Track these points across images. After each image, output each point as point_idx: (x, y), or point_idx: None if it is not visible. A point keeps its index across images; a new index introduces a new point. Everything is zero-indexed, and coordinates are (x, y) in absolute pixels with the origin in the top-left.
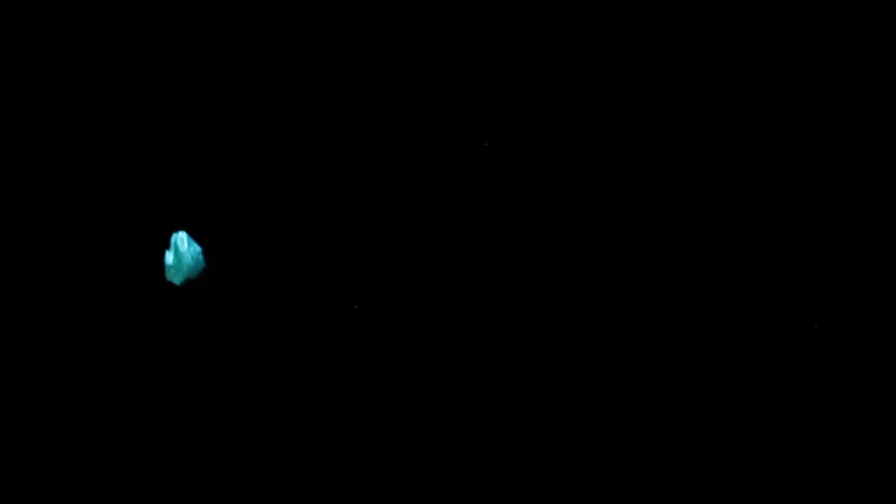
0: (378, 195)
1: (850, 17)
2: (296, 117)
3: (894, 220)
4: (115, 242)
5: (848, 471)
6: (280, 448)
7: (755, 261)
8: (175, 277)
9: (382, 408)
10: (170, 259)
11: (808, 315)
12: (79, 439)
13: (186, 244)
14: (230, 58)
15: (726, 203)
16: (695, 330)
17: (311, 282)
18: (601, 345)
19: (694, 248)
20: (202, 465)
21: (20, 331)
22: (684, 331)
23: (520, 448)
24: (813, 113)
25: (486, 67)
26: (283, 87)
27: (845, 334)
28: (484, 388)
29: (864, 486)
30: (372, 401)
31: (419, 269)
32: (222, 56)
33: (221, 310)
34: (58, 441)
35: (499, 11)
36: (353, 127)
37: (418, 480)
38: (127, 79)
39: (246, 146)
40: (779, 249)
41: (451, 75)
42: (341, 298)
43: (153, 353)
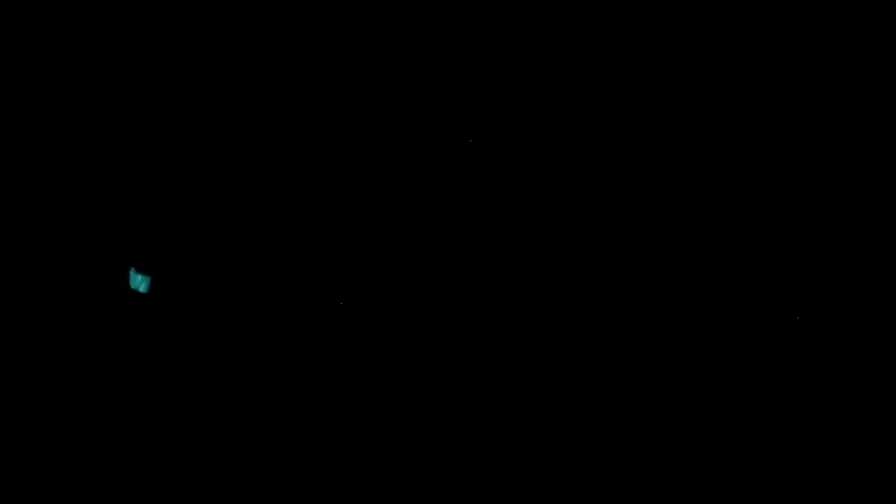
0: (378, 195)
1: (850, 17)
2: (292, 116)
3: (894, 220)
4: (115, 243)
5: (848, 471)
6: (280, 448)
7: (755, 261)
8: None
9: (382, 408)
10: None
11: (808, 315)
12: (78, 439)
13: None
14: (228, 57)
15: (726, 203)
16: (695, 330)
17: (311, 282)
18: (601, 345)
19: (694, 248)
20: (202, 465)
21: (20, 331)
22: (684, 331)
23: (520, 448)
24: (813, 113)
25: (486, 67)
26: (280, 86)
27: (845, 334)
28: (484, 388)
29: (864, 486)
30: (372, 401)
31: (419, 269)
32: (221, 56)
33: (221, 310)
34: (58, 441)
35: (499, 11)
36: (352, 127)
37: (418, 480)
38: (125, 78)
39: (246, 146)
40: (779, 249)
41: (451, 75)
42: (341, 298)
43: (153, 353)
